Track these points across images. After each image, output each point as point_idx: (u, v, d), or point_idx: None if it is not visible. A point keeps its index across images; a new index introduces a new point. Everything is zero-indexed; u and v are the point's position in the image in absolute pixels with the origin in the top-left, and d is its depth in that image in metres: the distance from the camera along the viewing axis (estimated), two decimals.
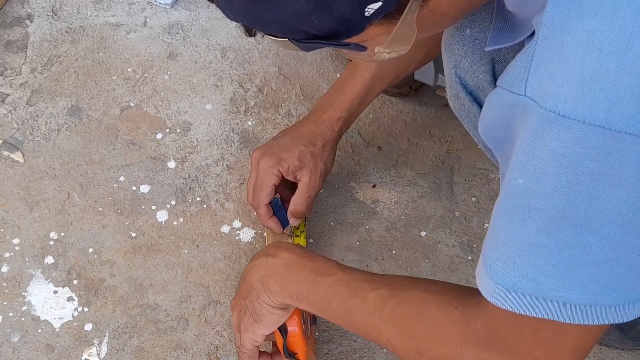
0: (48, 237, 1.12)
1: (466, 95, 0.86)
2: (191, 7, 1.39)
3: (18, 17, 1.36)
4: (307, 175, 1.02)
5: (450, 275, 1.10)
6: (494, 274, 0.61)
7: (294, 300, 0.83)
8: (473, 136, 0.92)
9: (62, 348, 1.03)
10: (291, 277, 0.82)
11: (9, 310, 1.05)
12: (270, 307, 0.85)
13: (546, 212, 0.56)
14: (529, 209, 0.57)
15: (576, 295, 0.58)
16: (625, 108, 0.50)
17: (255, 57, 1.33)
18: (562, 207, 0.55)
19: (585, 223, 0.55)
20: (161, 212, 1.15)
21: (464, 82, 0.85)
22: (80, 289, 1.08)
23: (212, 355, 1.03)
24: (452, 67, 0.85)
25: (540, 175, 0.55)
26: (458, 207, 1.18)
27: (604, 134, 0.50)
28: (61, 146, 1.21)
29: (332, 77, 1.31)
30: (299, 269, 0.82)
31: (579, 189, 0.54)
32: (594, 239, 0.55)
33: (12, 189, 1.16)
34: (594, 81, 0.50)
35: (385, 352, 1.03)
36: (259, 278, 0.84)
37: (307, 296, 0.81)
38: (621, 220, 0.54)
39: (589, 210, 0.54)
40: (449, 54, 0.86)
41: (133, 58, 1.32)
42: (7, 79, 1.28)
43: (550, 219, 0.56)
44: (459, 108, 0.89)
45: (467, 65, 0.84)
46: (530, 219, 0.57)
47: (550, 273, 0.58)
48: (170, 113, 1.26)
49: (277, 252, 0.85)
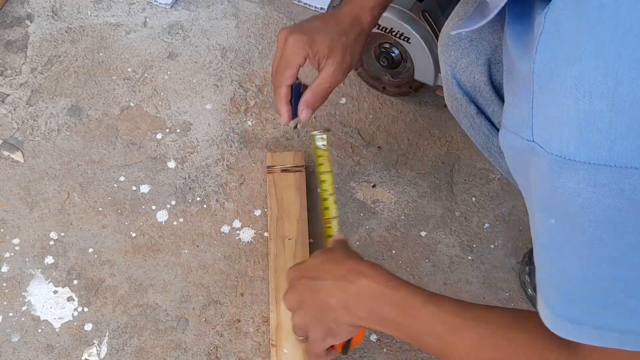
0: (48, 237, 1.12)
1: (463, 96, 0.86)
2: (191, 7, 1.39)
3: (18, 17, 1.36)
4: (332, 65, 0.92)
5: (450, 275, 1.10)
6: (550, 304, 0.62)
7: (384, 327, 0.80)
8: (470, 136, 0.92)
9: (62, 348, 1.03)
10: (378, 307, 0.80)
11: (9, 310, 1.05)
12: (351, 327, 0.84)
13: (582, 247, 0.57)
14: (567, 246, 0.58)
15: (635, 323, 0.58)
16: (625, 144, 0.51)
17: (255, 57, 1.33)
18: (593, 244, 0.56)
19: (617, 257, 0.56)
20: (161, 212, 1.15)
21: (460, 83, 0.85)
22: (80, 289, 1.08)
23: (212, 355, 1.03)
24: (449, 67, 0.86)
25: (566, 216, 0.56)
26: (458, 207, 1.18)
27: (611, 172, 0.51)
28: (61, 146, 1.21)
29: None
30: (385, 301, 0.79)
31: (602, 226, 0.54)
32: (632, 273, 0.56)
33: (12, 189, 1.16)
34: (590, 123, 0.51)
35: (385, 352, 1.03)
36: (339, 302, 0.81)
37: (398, 327, 0.79)
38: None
39: (618, 245, 0.55)
40: (446, 55, 0.86)
41: (133, 58, 1.32)
42: (7, 79, 1.28)
43: (587, 255, 0.57)
44: (456, 109, 0.89)
45: (463, 66, 0.84)
46: (572, 256, 0.58)
47: (605, 306, 0.59)
48: (170, 113, 1.26)
49: (356, 279, 0.81)
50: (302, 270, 0.87)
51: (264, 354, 1.03)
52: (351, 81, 1.31)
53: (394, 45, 1.20)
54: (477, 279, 1.11)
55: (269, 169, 1.16)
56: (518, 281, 1.10)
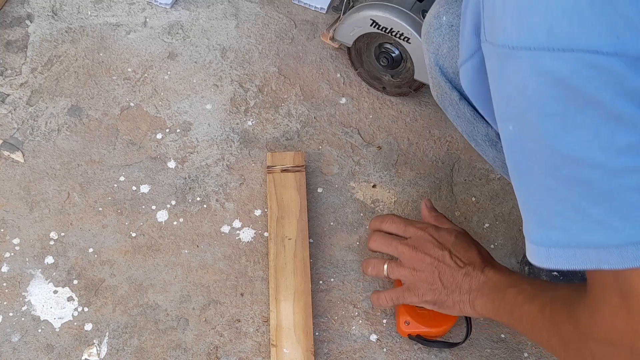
0: (48, 237, 1.12)
1: (446, 82, 0.86)
2: (191, 7, 1.39)
3: (18, 17, 1.36)
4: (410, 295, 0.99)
5: None
6: (532, 236, 0.61)
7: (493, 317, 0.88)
8: (457, 127, 0.92)
9: (62, 348, 1.03)
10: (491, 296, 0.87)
11: (9, 310, 1.05)
12: (461, 309, 0.91)
13: (539, 152, 0.56)
14: (527, 154, 0.57)
15: (603, 235, 0.56)
16: (562, 26, 0.51)
17: (255, 57, 1.33)
18: (548, 142, 0.55)
19: (574, 155, 0.54)
20: (161, 212, 1.15)
21: (443, 70, 0.86)
22: (80, 289, 1.08)
23: (212, 355, 1.03)
24: (432, 55, 0.86)
25: (519, 114, 0.56)
26: (458, 207, 1.18)
27: (551, 57, 0.51)
28: (61, 146, 1.21)
29: (332, 77, 1.31)
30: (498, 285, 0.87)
31: (553, 120, 0.54)
32: (590, 171, 0.55)
33: (12, 189, 1.16)
34: (528, 7, 0.52)
35: (385, 351, 1.04)
36: (468, 290, 0.90)
37: (509, 313, 0.84)
38: (602, 142, 0.53)
39: (571, 141, 0.54)
40: (428, 42, 0.87)
41: (133, 58, 1.32)
42: (7, 79, 1.28)
43: (546, 159, 0.56)
44: (442, 97, 0.90)
45: (445, 51, 0.85)
46: (533, 164, 0.57)
47: (571, 217, 0.57)
48: (170, 113, 1.26)
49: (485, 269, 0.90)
50: (435, 234, 0.95)
51: (264, 354, 1.03)
52: (351, 81, 1.31)
53: (394, 45, 1.20)
54: None
55: (269, 168, 1.16)
56: None
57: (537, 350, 1.05)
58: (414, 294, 0.95)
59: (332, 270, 1.10)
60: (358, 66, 1.28)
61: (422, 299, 0.94)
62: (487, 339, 1.05)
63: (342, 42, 1.26)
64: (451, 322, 1.01)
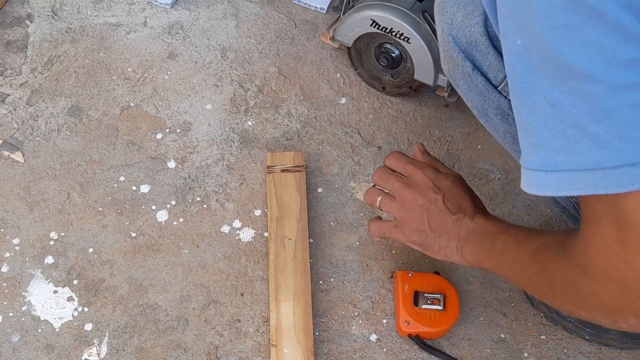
0: (48, 237, 1.12)
1: (459, 53, 0.86)
2: (191, 7, 1.39)
3: (18, 17, 1.36)
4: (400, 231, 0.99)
5: (450, 275, 1.10)
6: (530, 162, 0.61)
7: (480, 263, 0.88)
8: (467, 101, 0.92)
9: (62, 348, 1.03)
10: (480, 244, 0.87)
11: (9, 310, 1.05)
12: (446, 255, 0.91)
13: (547, 63, 0.56)
14: (535, 69, 0.57)
15: (602, 155, 0.56)
16: None
17: (255, 57, 1.33)
18: (554, 54, 0.55)
19: (577, 68, 0.54)
20: (161, 212, 1.15)
21: (456, 40, 0.85)
22: (80, 289, 1.08)
23: (212, 355, 1.03)
24: (445, 25, 0.86)
25: (526, 26, 0.56)
26: None
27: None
28: (61, 146, 1.21)
29: (332, 77, 1.31)
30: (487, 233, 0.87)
31: (558, 32, 0.54)
32: (592, 86, 0.55)
33: (12, 189, 1.16)
34: None
35: (385, 351, 1.04)
36: (457, 237, 0.89)
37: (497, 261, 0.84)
38: (605, 56, 0.53)
39: (575, 53, 0.54)
40: (442, 12, 0.86)
41: (133, 58, 1.32)
42: (7, 79, 1.28)
43: (552, 70, 0.56)
44: (453, 69, 0.89)
45: (459, 20, 0.85)
46: (539, 78, 0.57)
47: (572, 137, 0.57)
48: (170, 113, 1.26)
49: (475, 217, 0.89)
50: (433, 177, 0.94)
51: (264, 354, 1.03)
52: (351, 81, 1.31)
53: (394, 45, 1.20)
54: (477, 279, 1.11)
55: (269, 168, 1.16)
56: None
57: (537, 350, 1.05)
58: (401, 231, 0.95)
59: (332, 270, 1.10)
60: (358, 66, 1.28)
61: (408, 238, 0.94)
62: (487, 339, 1.05)
63: (342, 42, 1.26)
64: (451, 322, 1.01)
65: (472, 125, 1.26)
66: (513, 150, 0.94)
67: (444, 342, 1.05)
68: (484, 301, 1.09)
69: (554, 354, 1.04)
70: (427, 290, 1.03)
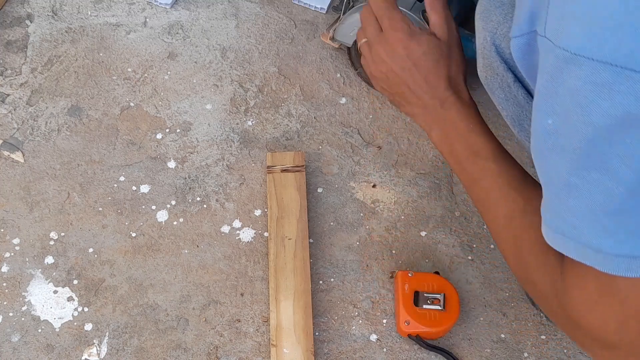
0: (48, 237, 1.12)
1: (501, 63, 0.84)
2: (191, 7, 1.39)
3: (18, 17, 1.36)
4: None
5: (450, 275, 1.10)
6: (544, 214, 0.64)
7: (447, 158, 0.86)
8: (502, 111, 0.91)
9: (62, 348, 1.03)
10: (449, 140, 0.84)
11: (9, 310, 1.05)
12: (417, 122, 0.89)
13: (573, 151, 0.57)
14: (559, 149, 0.58)
15: (606, 243, 0.58)
16: (630, 45, 0.51)
17: (255, 57, 1.33)
18: (585, 146, 0.56)
19: (606, 166, 0.56)
20: (161, 212, 1.15)
21: (499, 50, 0.84)
22: (80, 289, 1.08)
23: (212, 355, 1.03)
24: (488, 34, 0.84)
25: (564, 113, 0.57)
26: (458, 207, 1.18)
27: (613, 72, 0.52)
28: (61, 146, 1.21)
29: (332, 77, 1.31)
30: (458, 137, 0.84)
31: (595, 129, 0.55)
32: (615, 185, 0.56)
33: (12, 189, 1.16)
34: (600, 19, 0.52)
35: (385, 352, 1.04)
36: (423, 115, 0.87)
37: (457, 162, 0.83)
38: (637, 163, 0.54)
39: (608, 152, 0.55)
40: (485, 20, 0.84)
41: (133, 58, 1.32)
42: (7, 79, 1.28)
43: (577, 158, 0.57)
44: (491, 79, 0.87)
45: (504, 31, 0.82)
46: (561, 159, 0.59)
47: (582, 217, 0.59)
48: (170, 113, 1.26)
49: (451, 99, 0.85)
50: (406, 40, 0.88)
51: (264, 354, 1.03)
52: (351, 81, 1.31)
53: None
54: (477, 279, 1.11)
55: (269, 168, 1.16)
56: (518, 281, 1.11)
57: (537, 350, 1.05)
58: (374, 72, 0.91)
59: (332, 270, 1.10)
60: (358, 66, 1.28)
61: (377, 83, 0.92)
62: (487, 339, 1.06)
63: (342, 42, 1.26)
64: (451, 322, 1.01)
65: None
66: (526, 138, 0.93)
67: (444, 342, 1.05)
68: (484, 301, 1.09)
69: (554, 354, 1.04)
70: (427, 290, 1.03)
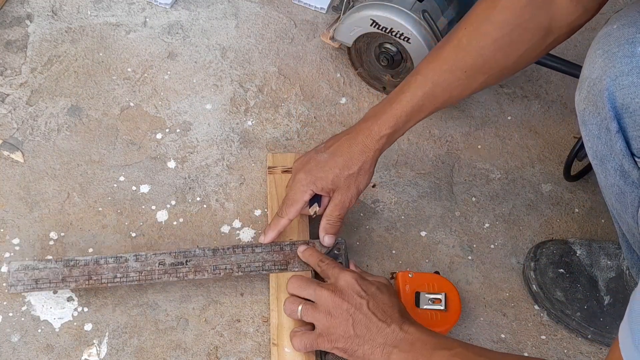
0: (48, 237, 1.12)
1: (610, 110, 0.81)
2: (191, 7, 1.39)
3: (18, 17, 1.36)
4: (338, 197, 1.03)
5: (450, 275, 1.10)
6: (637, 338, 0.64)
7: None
8: (587, 141, 0.88)
9: (62, 348, 1.03)
10: (412, 354, 0.86)
11: (9, 310, 1.05)
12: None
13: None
14: None
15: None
16: None
17: (255, 57, 1.33)
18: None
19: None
20: (161, 212, 1.15)
21: (612, 97, 0.81)
22: (80, 289, 1.07)
23: (212, 355, 1.03)
24: (607, 78, 0.80)
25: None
26: (458, 207, 1.18)
27: None
28: (61, 146, 1.21)
29: (332, 77, 1.31)
30: (422, 345, 0.86)
31: None
32: None
33: (12, 189, 1.16)
34: None
35: None
36: (383, 344, 0.88)
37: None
38: None
39: None
40: (607, 64, 0.80)
41: (133, 58, 1.32)
42: (7, 79, 1.28)
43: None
44: (590, 114, 0.84)
45: (627, 84, 0.79)
46: None
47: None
48: (170, 113, 1.26)
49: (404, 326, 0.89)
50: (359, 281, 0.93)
51: (264, 354, 1.03)
52: (351, 81, 1.31)
53: (394, 45, 1.20)
54: (477, 279, 1.11)
55: (270, 169, 1.16)
56: (518, 281, 1.10)
57: (537, 350, 1.05)
58: (326, 339, 0.92)
59: None
60: (358, 66, 1.28)
61: (334, 345, 0.91)
62: (487, 339, 1.05)
63: (342, 42, 1.26)
64: (453, 322, 1.01)
65: (472, 125, 1.27)
66: (610, 204, 0.92)
67: None
68: (484, 301, 1.09)
69: (554, 354, 1.04)
70: (428, 291, 1.03)
